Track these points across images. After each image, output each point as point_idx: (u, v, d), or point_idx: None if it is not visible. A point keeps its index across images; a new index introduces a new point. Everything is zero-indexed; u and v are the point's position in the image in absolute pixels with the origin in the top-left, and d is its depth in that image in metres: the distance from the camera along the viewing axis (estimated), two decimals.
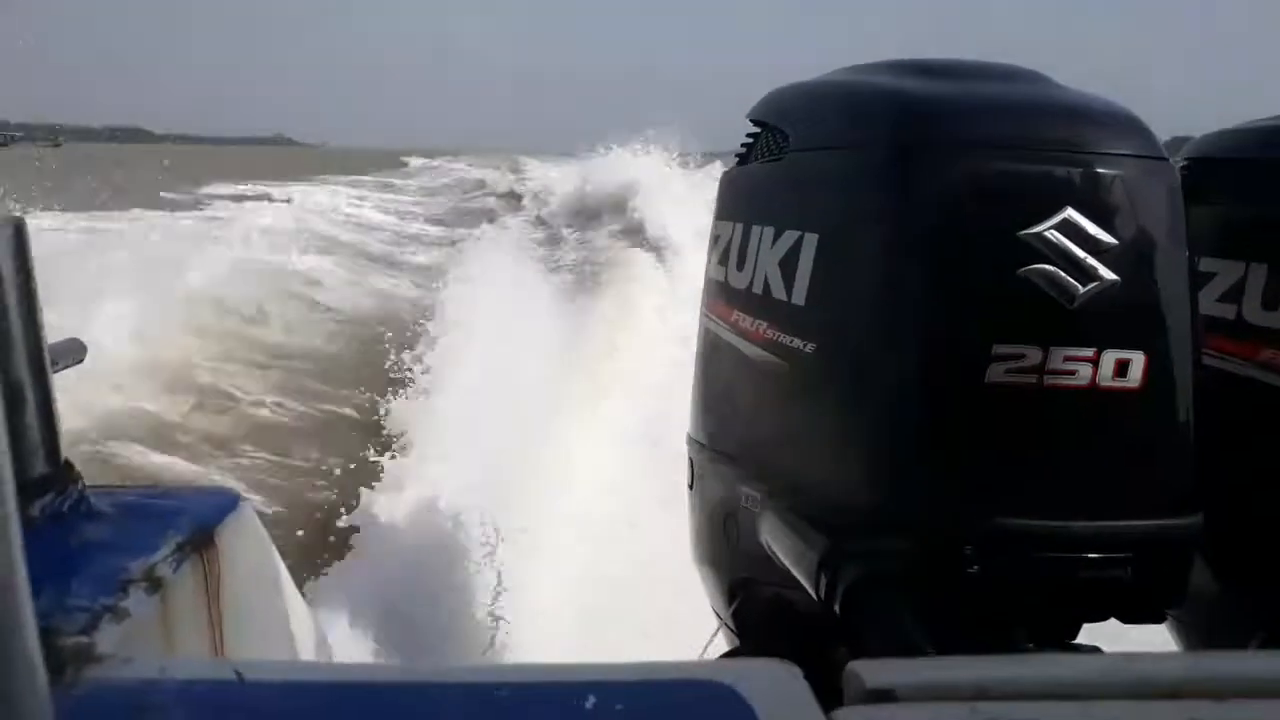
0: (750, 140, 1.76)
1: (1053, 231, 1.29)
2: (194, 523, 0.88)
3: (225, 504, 0.95)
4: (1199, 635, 1.77)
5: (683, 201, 11.57)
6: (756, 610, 1.66)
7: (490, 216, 19.36)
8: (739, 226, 1.67)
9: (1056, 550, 1.32)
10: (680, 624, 2.07)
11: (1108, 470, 1.34)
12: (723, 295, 1.70)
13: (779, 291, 1.52)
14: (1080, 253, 1.29)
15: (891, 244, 1.37)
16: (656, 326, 6.72)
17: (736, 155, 1.82)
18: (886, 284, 1.37)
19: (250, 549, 0.97)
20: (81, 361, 0.95)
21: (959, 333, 1.31)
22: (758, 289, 1.58)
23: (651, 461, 3.76)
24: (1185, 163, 1.98)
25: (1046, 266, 1.29)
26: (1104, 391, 1.30)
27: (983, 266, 1.31)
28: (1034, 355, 1.28)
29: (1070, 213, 1.30)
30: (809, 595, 1.31)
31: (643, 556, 3.43)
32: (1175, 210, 1.37)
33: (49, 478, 0.84)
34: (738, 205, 1.73)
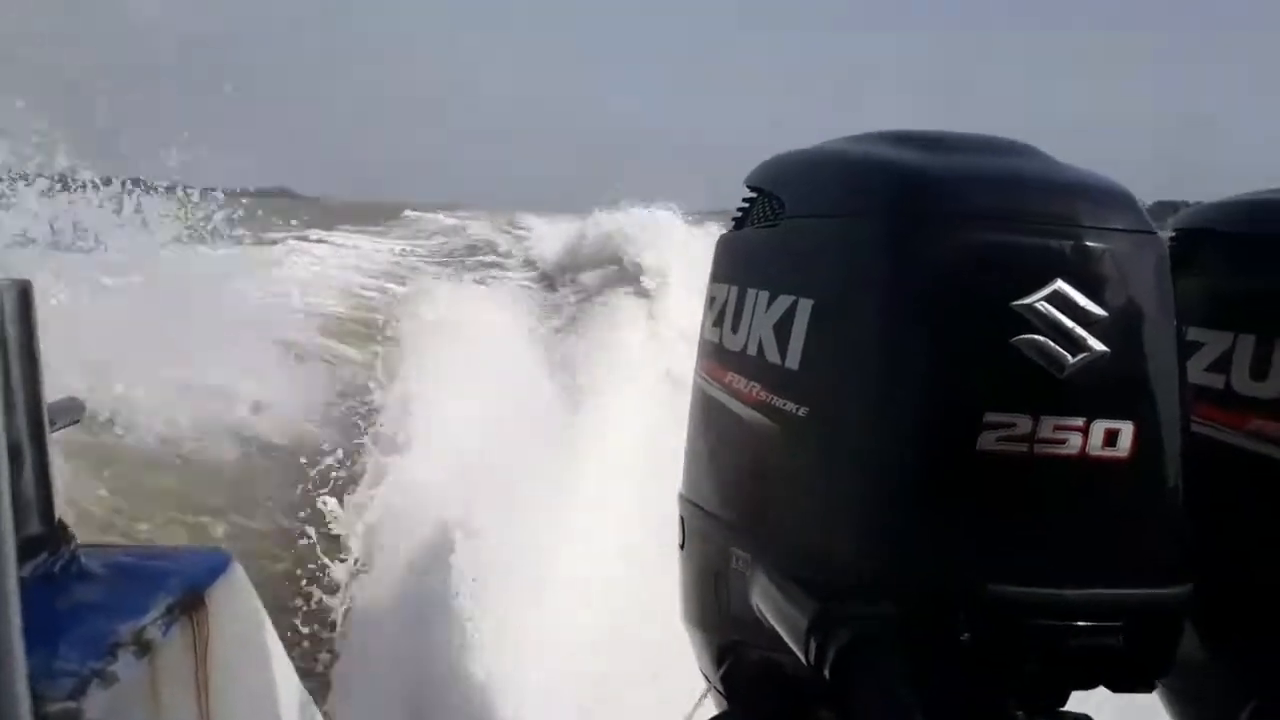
0: (746, 205, 1.79)
1: (1043, 303, 1.31)
2: (185, 584, 0.88)
3: (216, 564, 0.95)
4: (1190, 703, 1.77)
5: (680, 257, 11.64)
6: (746, 673, 1.65)
7: (485, 270, 19.41)
8: (734, 289, 1.69)
9: (1047, 618, 1.32)
10: (672, 682, 2.06)
11: (1098, 538, 1.35)
12: (717, 356, 1.72)
13: (773, 355, 1.53)
14: (1070, 324, 1.31)
15: (886, 311, 1.39)
16: (649, 381, 6.74)
17: (733, 219, 1.84)
18: (880, 350, 1.39)
19: (240, 611, 0.97)
20: (79, 421, 0.96)
21: (951, 400, 1.33)
22: (752, 351, 1.59)
23: (644, 517, 3.76)
24: (1174, 233, 2.02)
25: (1037, 337, 1.31)
26: (1093, 460, 1.31)
27: (975, 335, 1.33)
28: (1024, 424, 1.30)
29: (1060, 284, 1.32)
30: (798, 660, 1.31)
31: (635, 613, 3.41)
32: (1163, 282, 1.40)
33: (42, 538, 0.83)
34: (733, 269, 1.75)
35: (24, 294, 0.81)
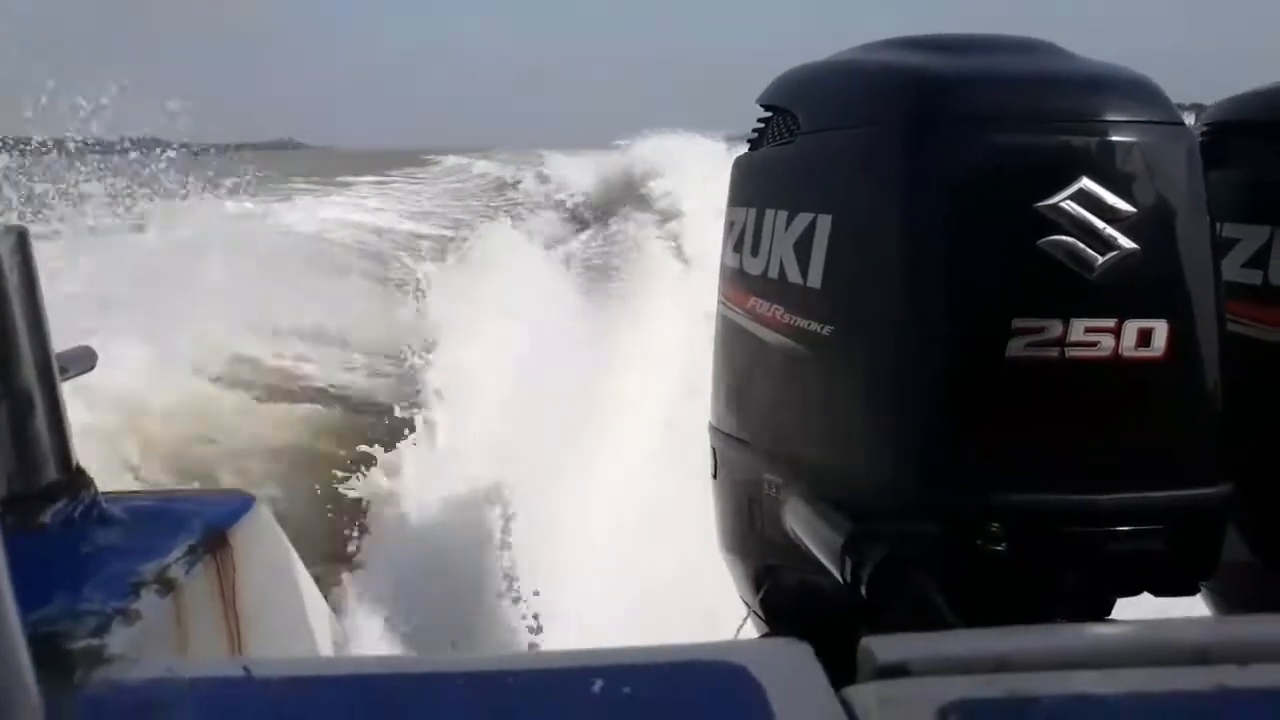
0: (761, 125, 1.75)
1: (1069, 202, 1.27)
2: (207, 525, 0.88)
3: (239, 506, 0.95)
4: (1233, 605, 1.74)
5: (707, 183, 11.53)
6: (784, 596, 1.65)
7: (510, 211, 19.35)
8: (752, 212, 1.66)
9: (1085, 525, 1.30)
10: (712, 612, 2.06)
11: (1135, 441, 1.31)
12: (738, 282, 1.69)
13: (794, 275, 1.51)
14: (1098, 222, 1.27)
15: (906, 221, 1.35)
16: (680, 310, 6.71)
17: (748, 141, 1.81)
18: (903, 262, 1.35)
19: (266, 549, 0.97)
20: (92, 369, 0.96)
21: (978, 308, 1.30)
22: (773, 274, 1.57)
23: (676, 448, 3.75)
24: (1205, 128, 1.95)
25: (1064, 238, 1.27)
26: (1128, 362, 1.28)
27: (999, 240, 1.29)
28: (1054, 328, 1.26)
29: (1086, 182, 1.28)
30: (835, 580, 1.30)
31: (672, 544, 3.42)
32: (1194, 175, 1.35)
33: (60, 485, 0.84)
34: (750, 191, 1.72)
35: (21, 239, 0.81)
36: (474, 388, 5.49)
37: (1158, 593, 1.36)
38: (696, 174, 12.48)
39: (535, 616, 3.33)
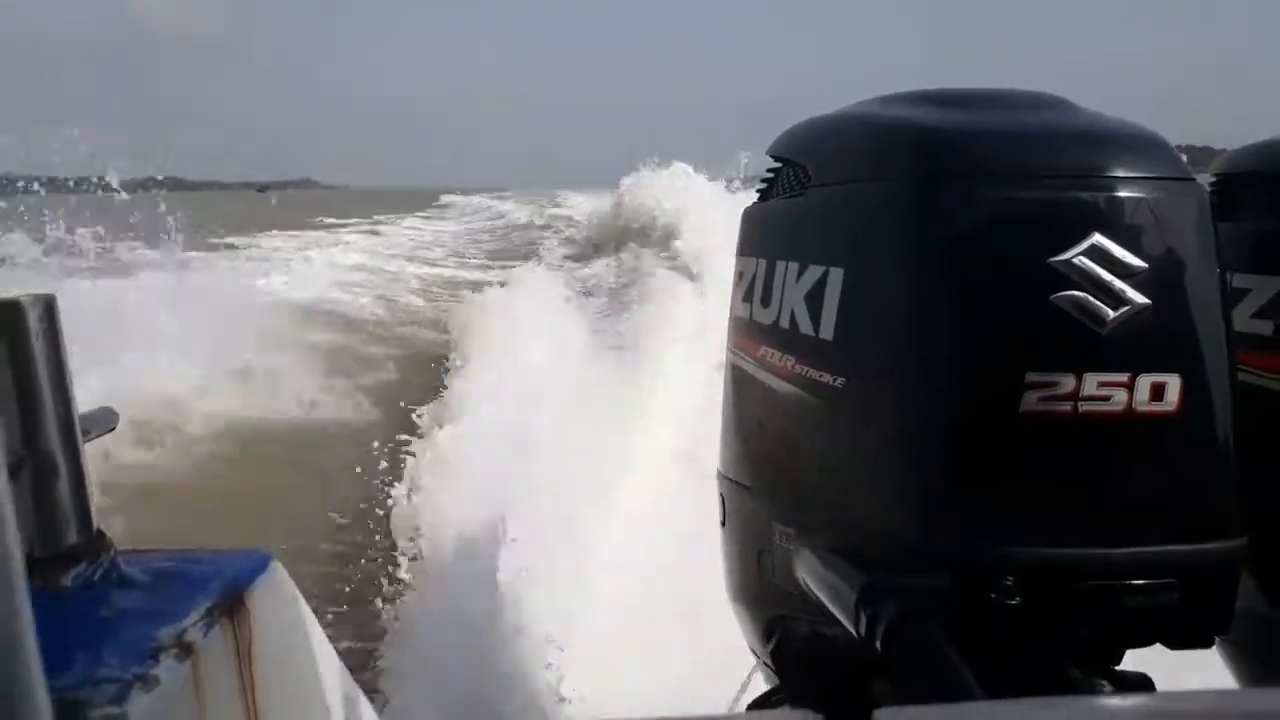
0: (771, 176, 1.76)
1: (1081, 258, 1.28)
2: (224, 585, 0.89)
3: (256, 564, 0.95)
4: (1249, 656, 1.73)
5: (720, 227, 11.59)
6: (794, 648, 1.64)
7: (526, 252, 19.45)
8: (763, 263, 1.67)
9: (1099, 579, 1.30)
10: (724, 660, 2.05)
11: (1148, 496, 1.32)
12: (749, 331, 1.70)
13: (806, 327, 1.51)
14: (1109, 277, 1.28)
15: (919, 276, 1.36)
16: (694, 352, 6.71)
17: (758, 191, 1.82)
18: (916, 316, 1.36)
19: (282, 609, 0.98)
20: (114, 429, 0.97)
21: (991, 363, 1.30)
22: (784, 324, 1.57)
23: (690, 493, 3.75)
24: (1215, 178, 1.97)
25: (1076, 293, 1.28)
26: (1140, 416, 1.28)
27: (1012, 295, 1.30)
28: (1068, 383, 1.27)
29: (1098, 238, 1.29)
30: (847, 632, 1.30)
31: (686, 590, 3.41)
32: (1204, 229, 1.36)
33: (81, 547, 0.85)
34: (760, 241, 1.73)
35: (49, 308, 0.83)
36: (486, 426, 5.50)
37: (1172, 646, 1.36)
38: (709, 218, 12.57)
39: (555, 667, 3.32)
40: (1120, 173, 1.34)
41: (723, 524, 1.83)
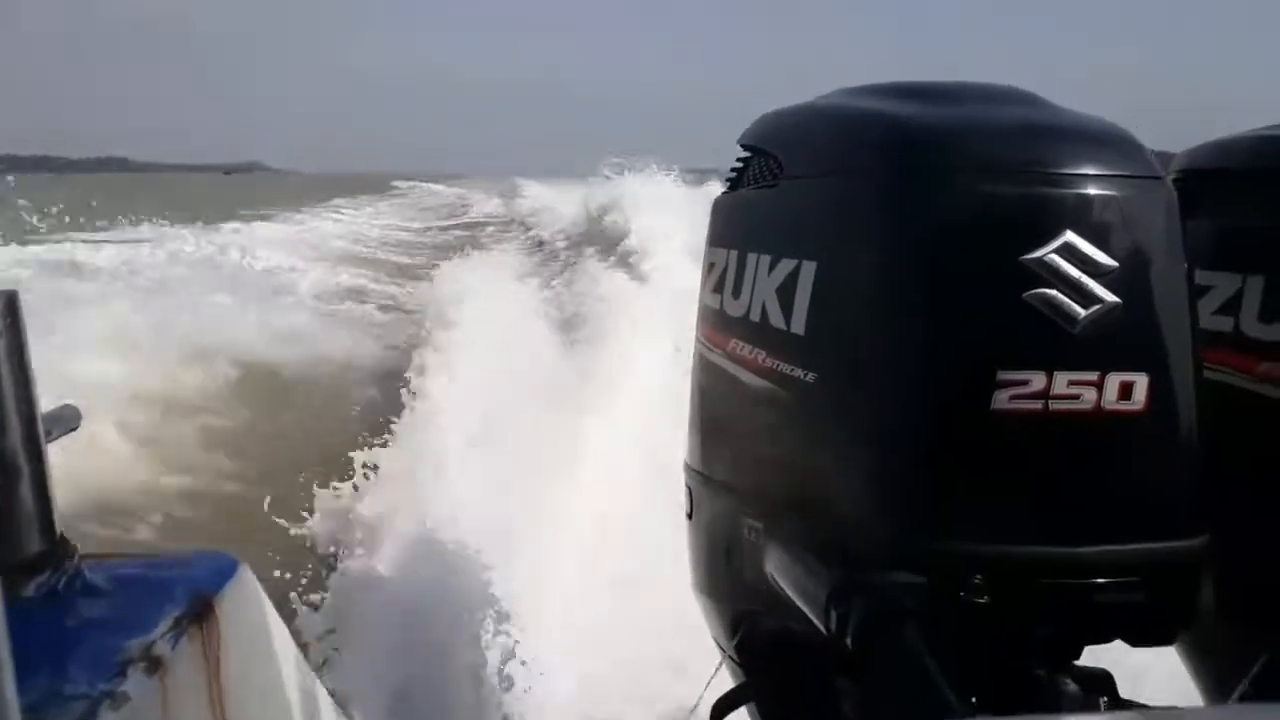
0: (741, 165, 1.75)
1: (1053, 255, 1.28)
2: (192, 593, 0.86)
3: (224, 569, 0.92)
4: (1204, 655, 1.76)
5: (679, 220, 11.62)
6: (760, 642, 1.64)
7: (480, 242, 19.33)
8: (734, 254, 1.66)
9: (1066, 576, 1.31)
10: (686, 648, 2.04)
11: (1115, 494, 1.33)
12: (719, 323, 1.69)
13: (777, 320, 1.50)
14: (1081, 276, 1.29)
15: (891, 272, 1.36)
16: (652, 343, 6.70)
17: (727, 180, 1.81)
18: (887, 313, 1.36)
19: (251, 617, 0.95)
20: (76, 429, 0.93)
21: (962, 360, 1.30)
22: (755, 317, 1.56)
23: (653, 486, 3.73)
24: (1176, 174, 1.98)
25: (1048, 291, 1.28)
26: (1109, 415, 1.29)
27: (984, 293, 1.30)
28: (1038, 381, 1.27)
29: (1070, 236, 1.29)
30: (814, 629, 1.30)
31: (646, 578, 3.40)
32: (1172, 229, 1.37)
33: (45, 555, 0.81)
34: (731, 232, 1.72)
35: (11, 303, 0.79)
36: (445, 418, 5.44)
37: (1134, 643, 1.37)
38: (668, 211, 12.59)
39: (512, 662, 3.29)
40: (1092, 170, 1.34)
41: (689, 516, 1.82)
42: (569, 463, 4.49)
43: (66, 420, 0.88)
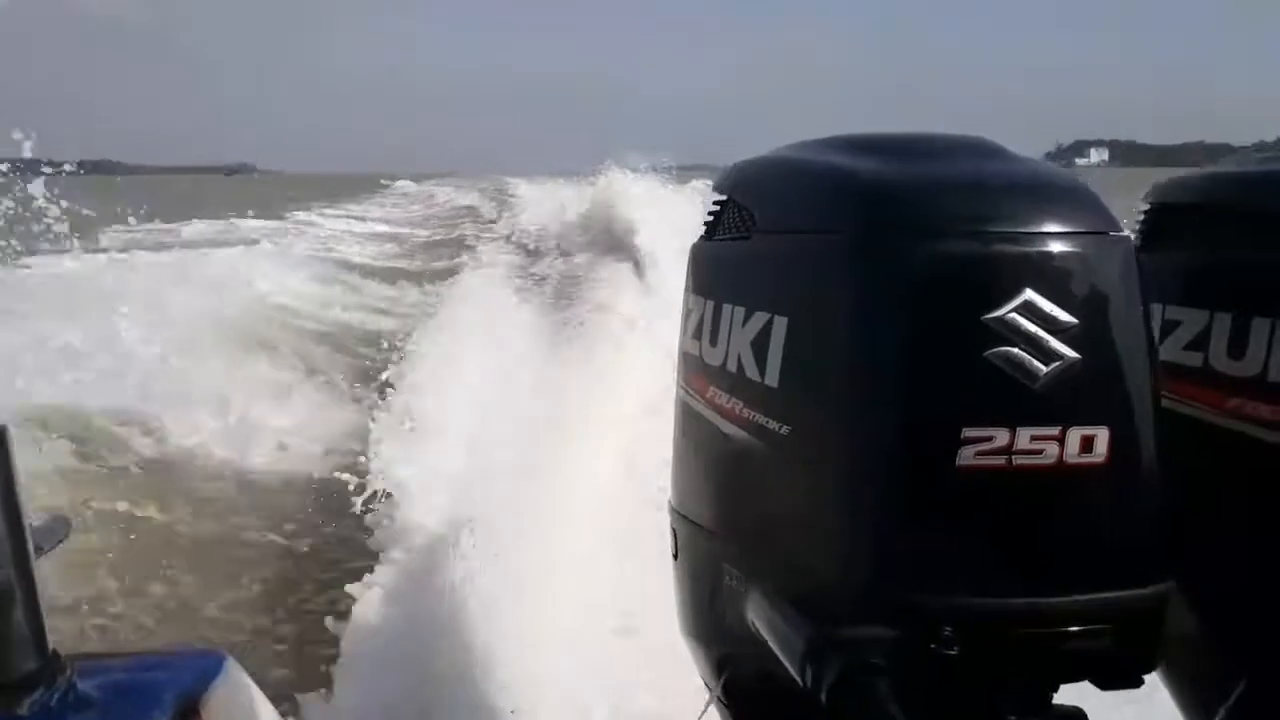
0: (717, 211, 1.78)
1: (1014, 314, 1.32)
2: (179, 695, 0.89)
3: (210, 667, 0.96)
4: (1187, 683, 1.80)
5: (670, 222, 11.63)
6: (746, 684, 1.67)
7: (471, 243, 19.31)
8: (710, 303, 1.70)
9: (1034, 626, 1.34)
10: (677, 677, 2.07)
11: (1080, 544, 1.36)
12: (698, 370, 1.73)
13: (752, 372, 1.54)
14: (1041, 333, 1.32)
15: (859, 331, 1.39)
16: (646, 347, 6.69)
17: (704, 224, 1.84)
18: (856, 370, 1.39)
19: (238, 714, 0.98)
20: (65, 539, 0.97)
21: (929, 418, 1.34)
22: (732, 367, 1.60)
23: (641, 509, 3.74)
24: (1147, 208, 2.02)
25: (1010, 349, 1.32)
26: (1071, 468, 1.33)
27: (948, 351, 1.34)
28: (1002, 437, 1.31)
29: (1030, 294, 1.33)
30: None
31: (636, 602, 3.42)
32: (1131, 282, 1.40)
33: (38, 673, 0.85)
34: (708, 282, 1.75)
35: (0, 437, 0.83)
36: (436, 436, 5.44)
37: (1104, 687, 1.41)
38: (656, 213, 12.59)
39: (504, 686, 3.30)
40: (1051, 227, 1.37)
41: (674, 557, 1.85)
42: (565, 493, 4.48)
43: (55, 532, 0.92)
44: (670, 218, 11.84)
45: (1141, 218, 2.01)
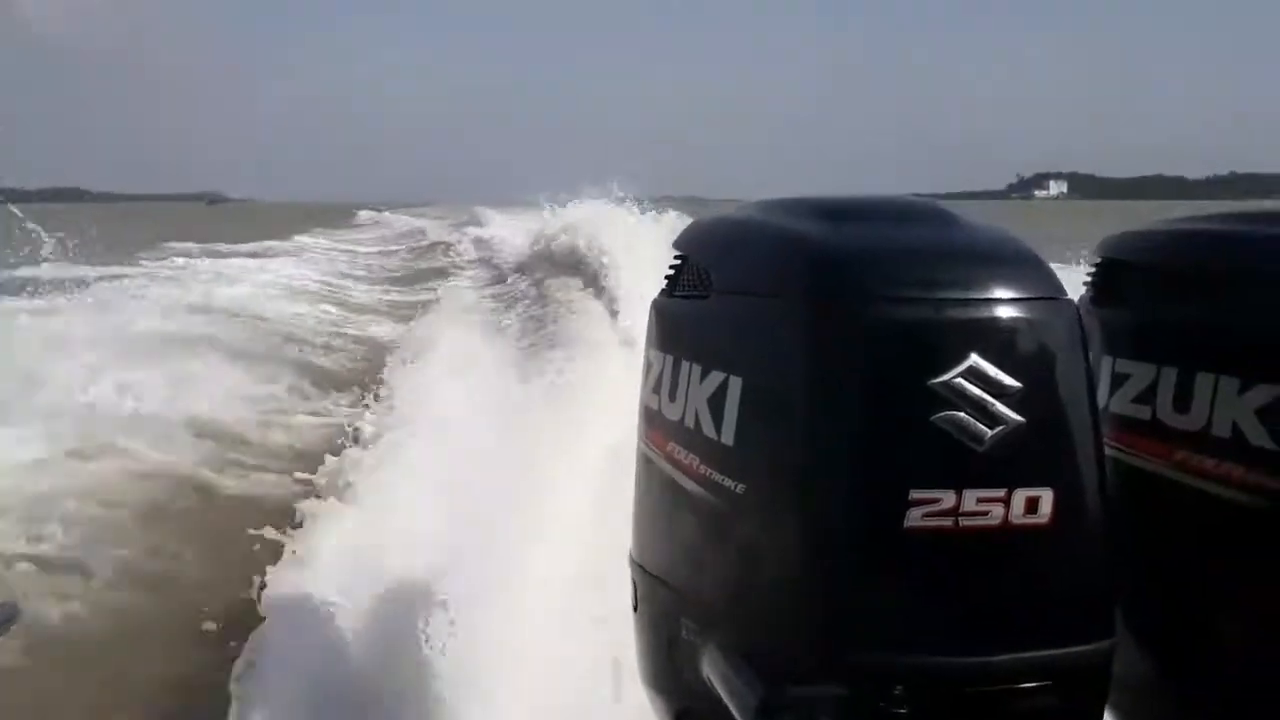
0: (676, 269, 1.82)
1: (959, 379, 1.36)
2: None
3: None
4: None
5: (641, 251, 11.68)
6: None
7: (444, 273, 19.30)
8: (669, 359, 1.73)
9: (982, 684, 1.38)
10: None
11: (1025, 604, 1.40)
12: (658, 425, 1.75)
13: (709, 430, 1.57)
14: (986, 397, 1.36)
15: (810, 394, 1.43)
16: (620, 383, 6.68)
17: (666, 278, 1.87)
18: (807, 432, 1.43)
19: None
20: (14, 622, 0.96)
21: (878, 480, 1.37)
22: (690, 423, 1.63)
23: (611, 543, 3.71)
24: (1097, 262, 2.06)
25: (956, 413, 1.35)
26: (1016, 529, 1.36)
27: (896, 415, 1.38)
28: (949, 499, 1.34)
29: (975, 359, 1.36)
30: None
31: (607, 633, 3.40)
32: (1075, 348, 1.44)
33: None
34: (668, 337, 1.78)
35: None
36: (404, 474, 5.40)
37: None
38: (624, 242, 12.64)
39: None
40: (998, 293, 1.41)
41: (634, 608, 1.87)
42: (537, 522, 4.46)
43: (6, 619, 0.91)
44: (642, 249, 11.90)
45: (1092, 271, 2.06)
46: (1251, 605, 1.68)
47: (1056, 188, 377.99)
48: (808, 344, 1.44)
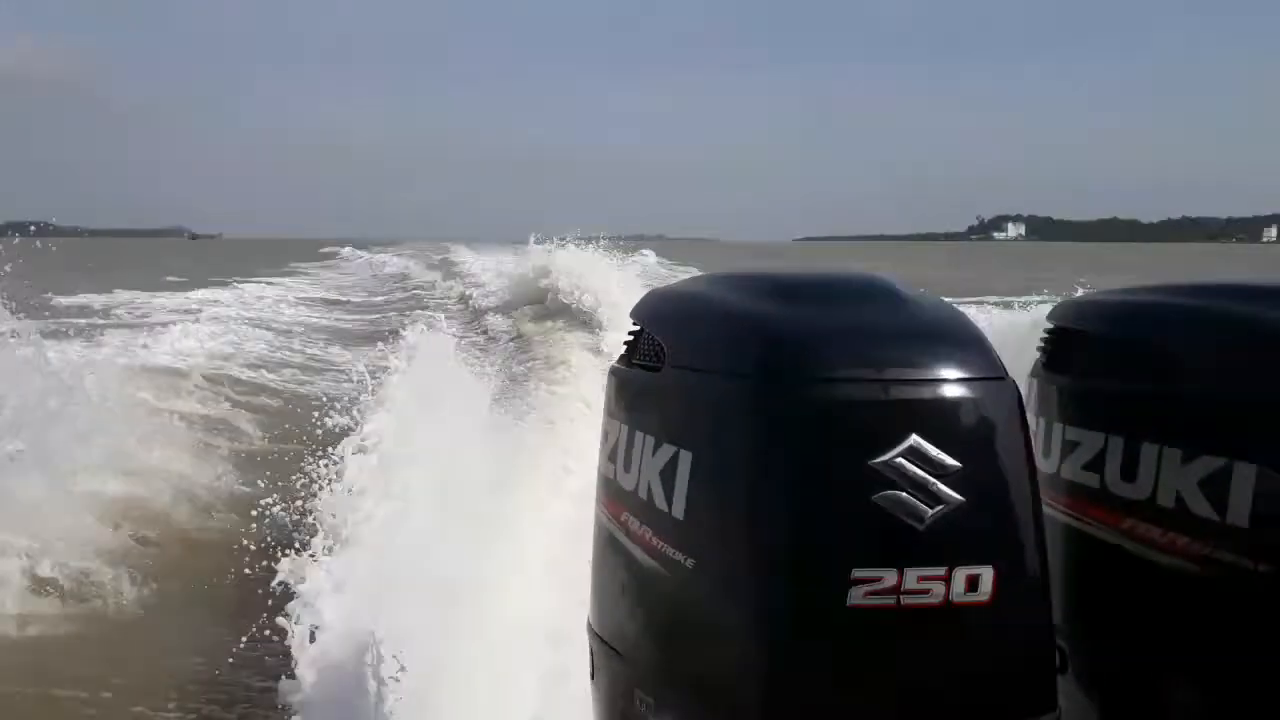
0: (632, 337, 1.83)
1: (900, 459, 1.37)
2: None
3: None
4: None
5: (613, 289, 11.68)
6: None
7: (417, 314, 19.22)
8: (625, 429, 1.74)
9: None
10: None
11: (968, 679, 1.41)
12: (614, 493, 1.76)
13: (661, 502, 1.58)
14: (927, 477, 1.38)
15: (755, 472, 1.44)
16: (595, 420, 6.61)
17: (625, 344, 1.88)
18: (752, 509, 1.44)
19: None
20: None
21: (820, 559, 1.39)
22: (643, 494, 1.64)
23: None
24: (1048, 330, 2.10)
25: (897, 493, 1.37)
26: (957, 607, 1.38)
27: (839, 494, 1.39)
28: (890, 578, 1.36)
29: (915, 439, 1.38)
30: None
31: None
32: (1016, 428, 1.46)
33: None
34: (622, 407, 1.79)
35: None
36: (376, 523, 5.33)
37: None
38: (599, 282, 12.68)
39: None
40: (940, 373, 1.44)
41: (592, 677, 1.87)
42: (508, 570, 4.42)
43: None
44: (610, 287, 11.92)
45: (1044, 338, 2.10)
46: (1197, 672, 1.70)
47: (1015, 230, 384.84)
48: (753, 423, 1.46)
